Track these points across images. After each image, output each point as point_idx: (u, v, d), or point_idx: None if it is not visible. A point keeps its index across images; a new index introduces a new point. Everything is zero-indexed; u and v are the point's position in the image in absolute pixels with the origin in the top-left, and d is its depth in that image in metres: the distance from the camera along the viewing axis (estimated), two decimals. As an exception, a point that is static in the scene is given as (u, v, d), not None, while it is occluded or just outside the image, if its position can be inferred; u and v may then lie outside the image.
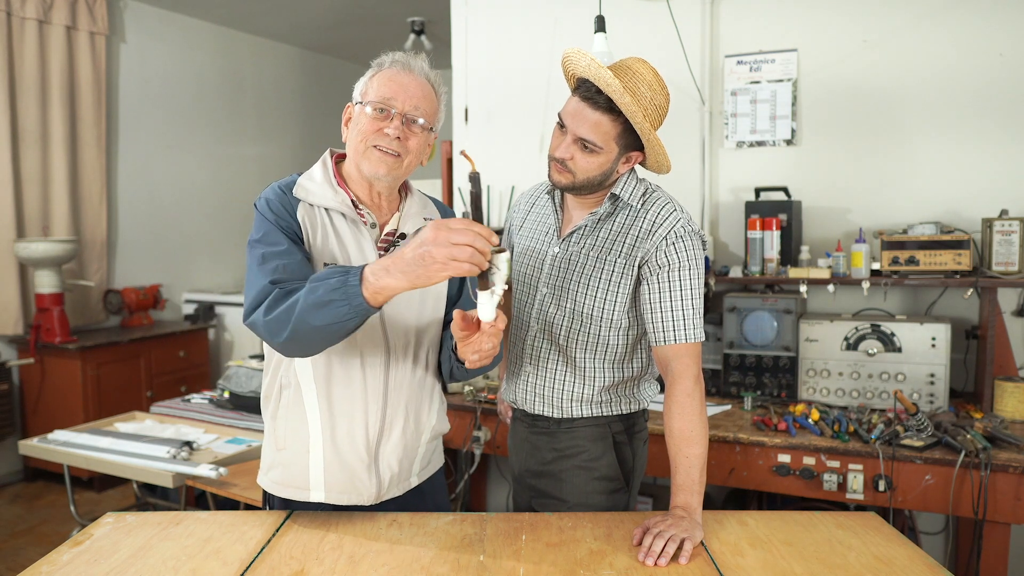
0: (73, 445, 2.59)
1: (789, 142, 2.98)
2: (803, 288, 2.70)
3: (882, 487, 2.17)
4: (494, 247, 1.21)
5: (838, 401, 2.60)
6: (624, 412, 1.74)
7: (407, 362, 1.52)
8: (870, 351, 2.56)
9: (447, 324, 1.56)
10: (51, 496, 4.08)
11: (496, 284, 1.24)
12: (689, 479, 1.51)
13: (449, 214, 1.64)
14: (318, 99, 6.36)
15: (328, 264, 1.43)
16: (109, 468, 2.48)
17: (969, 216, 2.71)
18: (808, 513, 1.60)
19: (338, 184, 1.49)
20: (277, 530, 1.48)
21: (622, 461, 1.74)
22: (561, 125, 1.58)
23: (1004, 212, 2.55)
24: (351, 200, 1.48)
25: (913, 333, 2.52)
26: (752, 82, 3.02)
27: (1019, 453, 2.10)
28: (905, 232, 2.61)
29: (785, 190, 2.88)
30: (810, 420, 2.39)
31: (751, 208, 2.83)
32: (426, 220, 1.52)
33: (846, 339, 2.59)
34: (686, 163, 3.10)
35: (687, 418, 1.54)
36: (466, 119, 3.62)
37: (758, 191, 2.91)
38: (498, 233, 1.49)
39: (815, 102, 2.94)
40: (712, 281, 2.82)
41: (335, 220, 1.47)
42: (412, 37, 5.41)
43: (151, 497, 3.05)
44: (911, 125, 2.80)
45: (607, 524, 1.52)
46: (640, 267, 1.62)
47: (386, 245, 1.50)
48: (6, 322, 4.17)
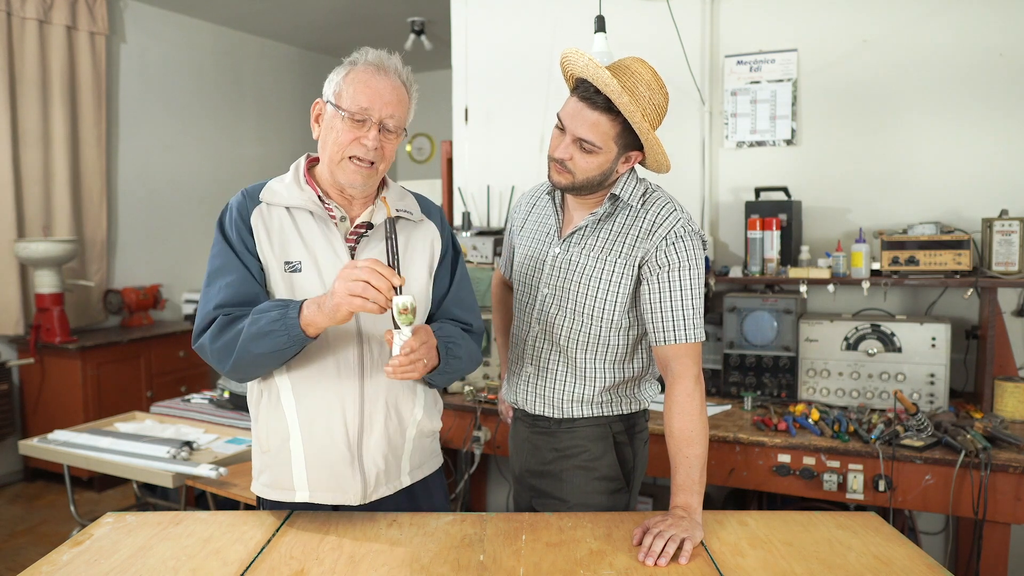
0: (73, 445, 2.59)
1: (789, 142, 2.98)
2: (803, 288, 2.70)
3: (882, 487, 2.17)
4: (397, 289, 1.30)
5: (838, 401, 2.60)
6: (625, 412, 1.74)
7: (383, 356, 1.51)
8: (870, 351, 2.56)
9: (429, 321, 1.58)
10: (51, 496, 4.08)
11: (402, 327, 1.33)
12: (689, 479, 1.52)
13: (430, 206, 1.63)
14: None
15: (289, 263, 1.46)
16: (109, 468, 2.47)
17: (969, 216, 2.71)
18: (808, 513, 1.60)
19: (306, 182, 1.49)
20: (277, 530, 1.48)
21: (623, 461, 1.74)
22: (560, 126, 1.58)
23: (1004, 212, 2.55)
24: (318, 196, 1.48)
25: (913, 333, 2.52)
26: (752, 82, 3.02)
27: (1019, 453, 2.10)
28: (905, 232, 2.61)
29: (785, 190, 2.88)
30: (810, 420, 2.39)
31: (751, 208, 2.83)
32: (399, 211, 1.52)
33: (846, 339, 2.59)
34: (686, 163, 3.09)
35: (687, 418, 1.54)
36: (466, 119, 3.62)
37: (758, 191, 2.91)
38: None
39: (815, 102, 2.94)
40: (712, 281, 2.83)
41: (299, 219, 1.48)
42: (412, 37, 5.41)
43: (151, 497, 3.05)
44: (911, 125, 2.80)
45: (607, 524, 1.52)
46: (640, 267, 1.62)
47: (356, 237, 1.51)
48: (6, 322, 4.17)
